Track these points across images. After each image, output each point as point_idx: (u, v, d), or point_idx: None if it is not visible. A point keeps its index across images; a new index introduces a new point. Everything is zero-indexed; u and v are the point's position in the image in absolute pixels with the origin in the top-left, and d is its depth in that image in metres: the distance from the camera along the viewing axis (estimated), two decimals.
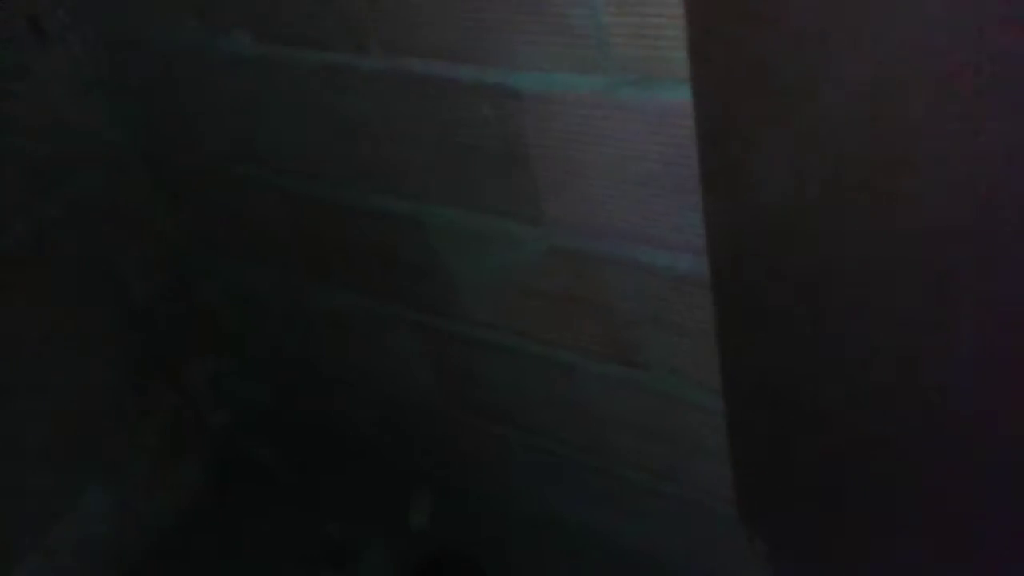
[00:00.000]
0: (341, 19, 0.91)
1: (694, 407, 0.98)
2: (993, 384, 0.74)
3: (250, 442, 1.51)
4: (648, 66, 0.75)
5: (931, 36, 0.59)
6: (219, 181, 1.20)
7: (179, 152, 1.22)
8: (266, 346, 1.43)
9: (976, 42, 0.58)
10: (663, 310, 0.92)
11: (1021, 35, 0.57)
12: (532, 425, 1.18)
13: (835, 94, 0.64)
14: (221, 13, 1.00)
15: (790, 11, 0.64)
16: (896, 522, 0.91)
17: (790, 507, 0.97)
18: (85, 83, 1.18)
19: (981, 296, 0.68)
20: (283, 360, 1.44)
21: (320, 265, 1.21)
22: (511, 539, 1.29)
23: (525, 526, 1.30)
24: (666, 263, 0.88)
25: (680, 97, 0.74)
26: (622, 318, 0.96)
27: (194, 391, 1.45)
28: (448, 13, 0.83)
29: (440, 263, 1.06)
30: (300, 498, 1.44)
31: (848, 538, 0.96)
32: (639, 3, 0.72)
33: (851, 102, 0.64)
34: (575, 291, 0.97)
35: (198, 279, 1.39)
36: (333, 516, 1.39)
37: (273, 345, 1.42)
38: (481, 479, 1.33)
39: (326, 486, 1.45)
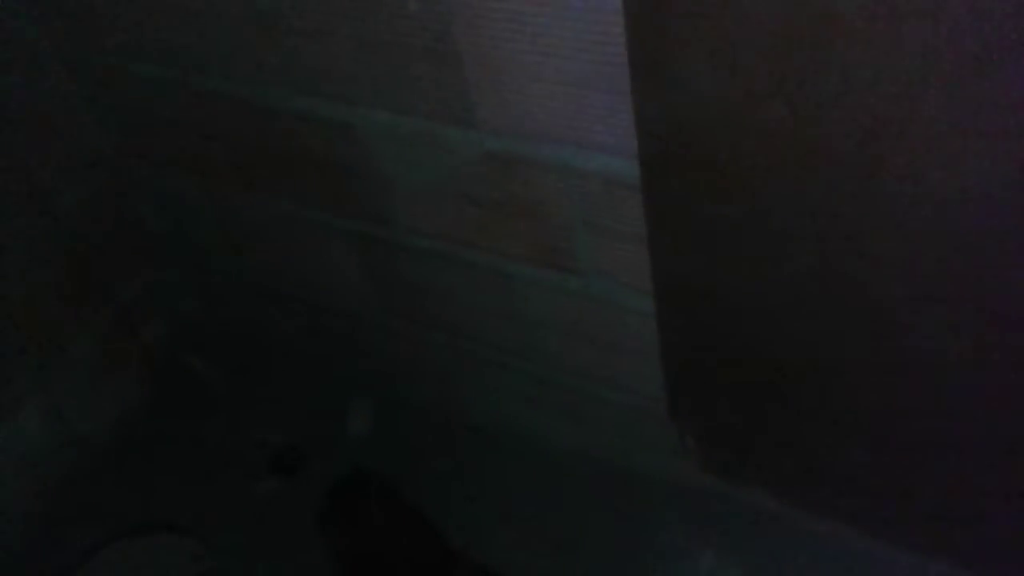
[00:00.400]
0: None
1: (626, 310, 1.00)
2: (916, 279, 0.76)
3: (186, 354, 1.50)
4: None
5: None
6: (140, 85, 1.15)
7: (98, 54, 1.16)
8: (199, 257, 1.41)
9: None
10: (595, 214, 0.92)
11: None
12: (469, 332, 1.18)
13: None
14: None
15: None
16: (819, 416, 0.95)
17: (718, 405, 1.00)
18: None
19: (914, 192, 0.70)
20: (217, 271, 1.42)
21: (250, 172, 1.18)
22: (450, 444, 1.31)
23: (465, 431, 1.32)
24: (598, 166, 0.88)
25: None
26: (556, 223, 0.96)
27: (127, 304, 1.42)
28: None
29: (373, 169, 1.05)
30: (239, 409, 1.44)
31: (773, 433, 1.00)
32: None
33: None
34: (509, 196, 0.97)
35: (126, 189, 1.35)
36: (273, 426, 1.40)
37: (207, 255, 1.40)
38: (420, 387, 1.34)
39: (265, 397, 1.45)
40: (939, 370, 0.82)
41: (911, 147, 0.67)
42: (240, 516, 1.31)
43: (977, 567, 0.98)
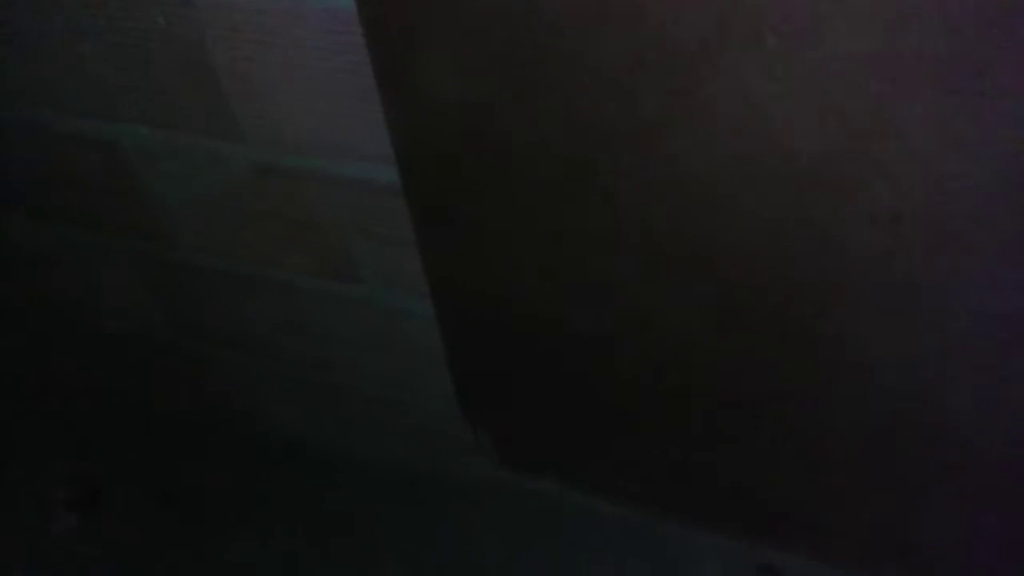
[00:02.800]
0: None
1: (411, 315, 1.01)
2: (654, 261, 0.81)
3: None
4: None
5: None
6: None
7: None
8: None
9: None
10: (369, 223, 0.94)
11: None
12: (262, 348, 1.17)
13: None
14: None
15: None
16: (597, 405, 0.99)
17: (504, 401, 1.04)
18: None
19: (639, 183, 0.75)
20: (1, 302, 1.34)
21: (21, 196, 1.12)
22: (253, 459, 1.29)
23: (269, 447, 1.30)
24: (365, 175, 0.89)
25: (353, 2, 0.74)
26: (332, 234, 0.97)
27: None
28: None
29: (145, 188, 1.02)
30: (31, 447, 1.36)
31: (557, 425, 1.04)
32: None
33: None
34: (283, 209, 0.96)
35: None
36: (69, 461, 1.33)
37: None
38: (219, 406, 1.31)
39: (58, 432, 1.37)
40: (696, 351, 0.88)
41: (634, 146, 0.72)
42: (38, 558, 1.24)
43: (762, 540, 1.06)
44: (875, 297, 0.70)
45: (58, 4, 0.87)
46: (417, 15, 0.71)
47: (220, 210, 1.00)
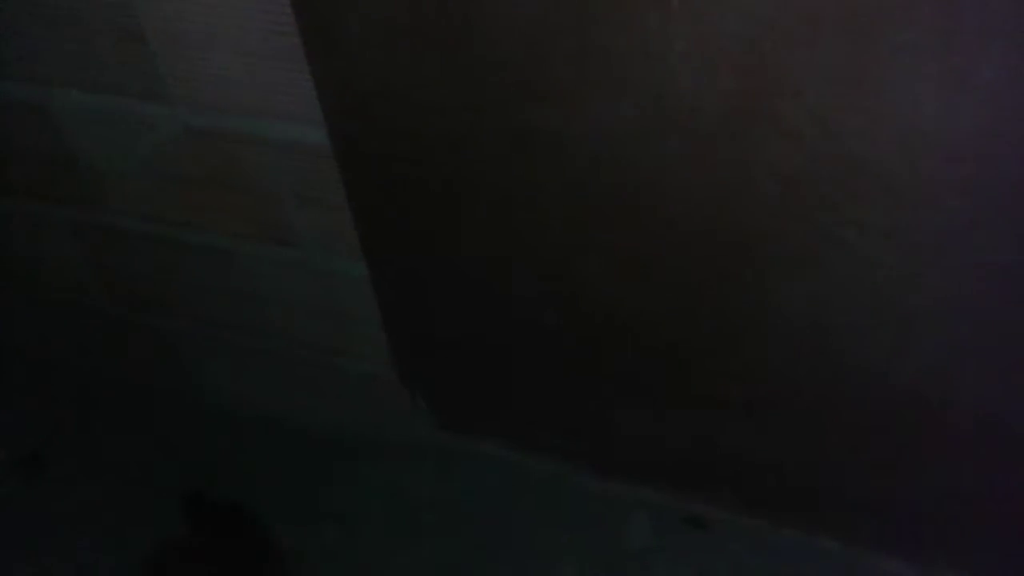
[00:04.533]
0: None
1: (348, 279, 1.03)
2: (574, 220, 0.84)
3: None
4: None
5: None
6: None
7: None
8: None
9: None
10: (302, 185, 0.95)
11: None
12: (199, 314, 1.17)
13: None
14: None
15: None
16: (529, 367, 1.02)
17: (440, 364, 1.06)
18: None
19: (565, 130, 0.77)
20: None
21: None
22: (193, 430, 1.30)
23: (209, 416, 1.30)
24: (296, 137, 0.90)
25: None
26: (267, 197, 0.97)
27: None
28: None
29: (78, 153, 1.02)
30: None
31: (492, 386, 1.06)
32: None
33: None
34: (216, 173, 0.97)
35: None
36: (17, 432, 1.33)
37: None
38: (159, 374, 1.31)
39: (6, 405, 1.37)
40: (619, 304, 0.90)
41: (551, 102, 0.74)
42: None
43: (688, 493, 1.09)
44: (782, 247, 0.73)
45: None
46: None
47: (154, 175, 1.00)
